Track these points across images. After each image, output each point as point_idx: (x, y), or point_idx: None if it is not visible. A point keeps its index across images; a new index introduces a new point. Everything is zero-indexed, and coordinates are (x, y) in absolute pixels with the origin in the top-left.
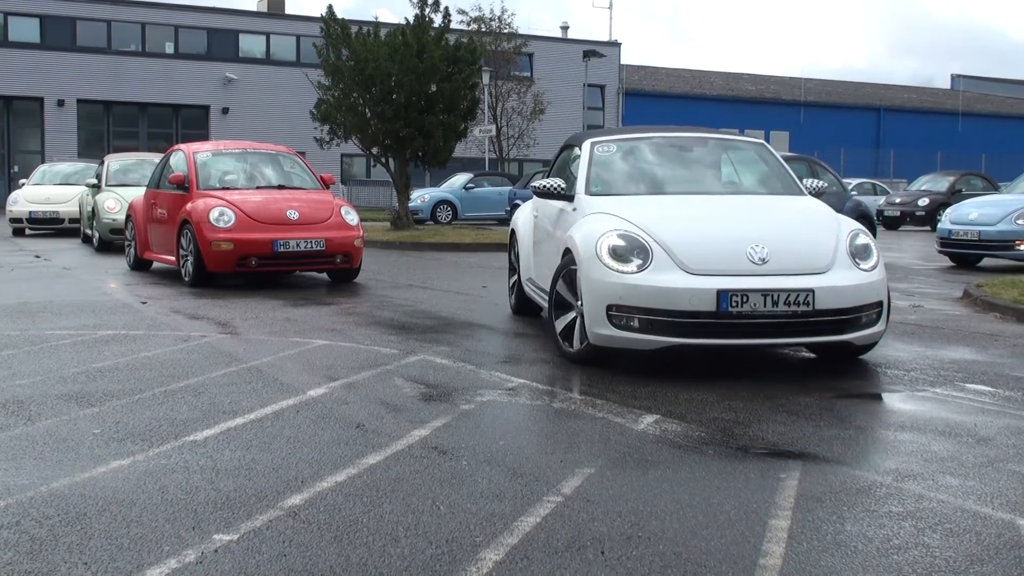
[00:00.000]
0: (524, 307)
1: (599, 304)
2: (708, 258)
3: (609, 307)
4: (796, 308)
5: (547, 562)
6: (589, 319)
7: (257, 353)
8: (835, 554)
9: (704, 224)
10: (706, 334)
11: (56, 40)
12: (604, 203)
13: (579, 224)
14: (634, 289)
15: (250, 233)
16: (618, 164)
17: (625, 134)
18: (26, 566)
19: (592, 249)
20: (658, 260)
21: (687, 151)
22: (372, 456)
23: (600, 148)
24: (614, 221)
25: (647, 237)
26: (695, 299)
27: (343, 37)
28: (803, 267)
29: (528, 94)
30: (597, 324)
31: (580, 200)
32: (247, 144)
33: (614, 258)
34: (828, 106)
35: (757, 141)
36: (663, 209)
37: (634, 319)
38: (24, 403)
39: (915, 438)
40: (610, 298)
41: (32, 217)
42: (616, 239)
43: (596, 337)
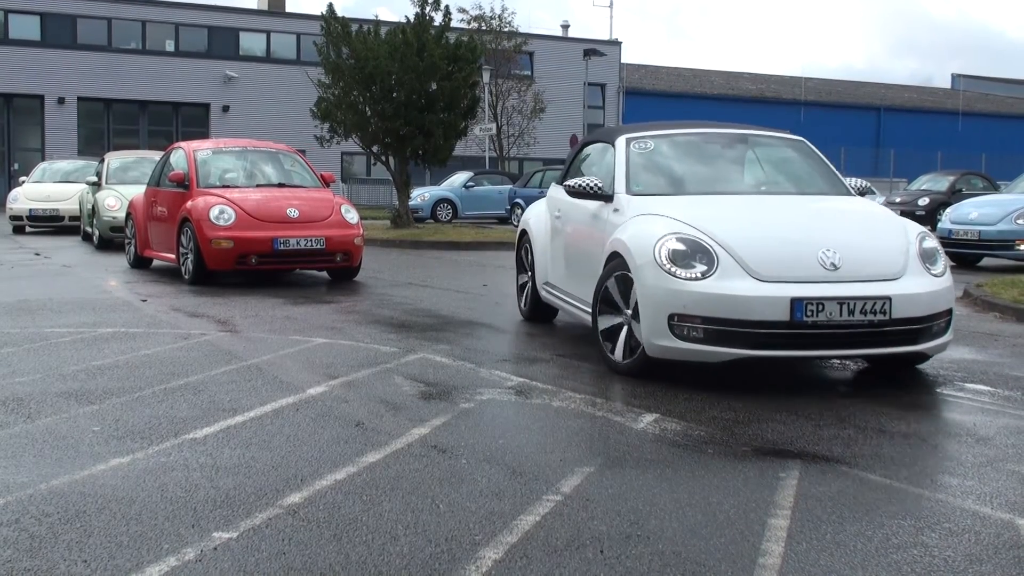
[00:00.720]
0: (537, 312)
1: (660, 313)
2: (779, 264)
3: (671, 316)
4: (872, 317)
5: (546, 561)
6: (647, 329)
7: (257, 351)
8: (834, 553)
9: (769, 227)
10: (778, 345)
11: (56, 38)
12: (650, 203)
13: (626, 226)
14: (700, 297)
15: (250, 231)
16: (658, 161)
17: (659, 130)
18: (25, 563)
19: (650, 253)
20: (724, 265)
21: (728, 148)
22: (372, 454)
23: (636, 145)
24: (669, 223)
25: (709, 240)
26: (767, 308)
27: (343, 35)
28: (876, 273)
29: (528, 93)
30: (656, 334)
31: (621, 200)
32: (247, 142)
33: (675, 263)
34: (828, 105)
35: (797, 138)
36: (718, 210)
37: (698, 329)
38: (24, 401)
39: (915, 438)
40: (673, 307)
41: (32, 215)
42: (676, 242)
43: (655, 348)
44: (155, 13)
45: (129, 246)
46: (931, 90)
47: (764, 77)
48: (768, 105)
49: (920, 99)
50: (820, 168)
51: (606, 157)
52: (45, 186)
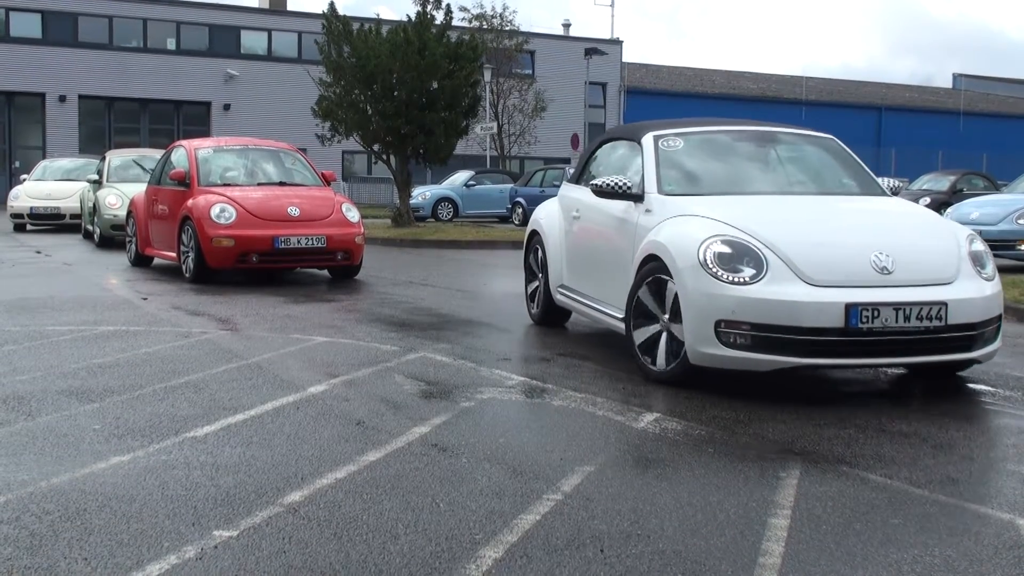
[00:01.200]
0: (550, 316)
1: (706, 319)
2: (831, 268)
3: (718, 323)
4: (928, 323)
5: (546, 560)
6: (692, 336)
7: (257, 350)
8: (834, 553)
9: (817, 229)
10: (832, 353)
11: (58, 36)
12: (685, 204)
13: (661, 228)
14: (750, 303)
15: (251, 229)
16: (689, 160)
17: (686, 127)
18: (26, 561)
19: (694, 256)
20: (774, 269)
21: (759, 146)
22: (372, 453)
23: (665, 142)
24: (712, 224)
25: (756, 243)
26: (822, 314)
27: (345, 34)
28: (930, 277)
29: (529, 92)
30: (702, 342)
31: (653, 200)
32: (248, 140)
33: (722, 267)
34: (829, 105)
35: (827, 136)
36: (760, 211)
37: (747, 337)
38: (24, 399)
39: (915, 438)
40: (720, 312)
41: (33, 213)
42: (721, 245)
43: (699, 356)
44: (156, 11)
45: (130, 244)
46: (932, 90)
47: (765, 77)
48: (769, 104)
49: (921, 99)
50: (854, 167)
51: (631, 155)
52: (46, 184)
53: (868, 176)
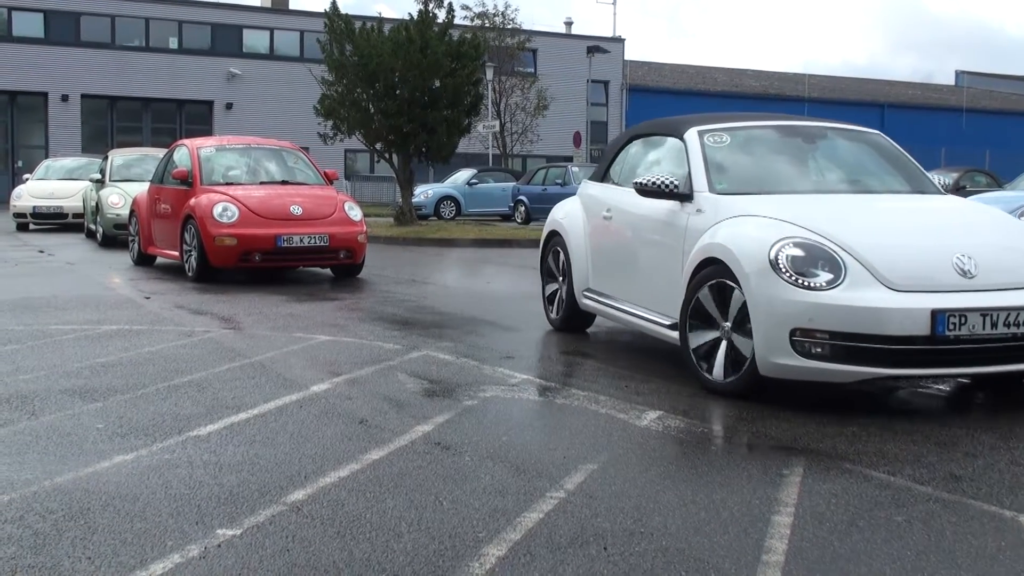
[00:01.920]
0: (574, 321)
1: (779, 328)
2: (914, 272)
3: (793, 331)
4: (1016, 330)
5: (550, 558)
6: (763, 346)
7: (260, 348)
8: (838, 550)
9: (894, 230)
10: (917, 363)
11: (60, 35)
12: (743, 203)
13: (719, 229)
14: (829, 310)
15: (253, 228)
16: (738, 157)
17: (730, 122)
18: (29, 560)
19: (764, 260)
20: (853, 273)
21: (809, 141)
22: (375, 451)
23: (711, 138)
24: (780, 225)
25: (832, 245)
26: (907, 321)
27: (347, 33)
28: (1013, 281)
29: (532, 90)
30: (775, 352)
31: (704, 200)
32: (251, 139)
33: (796, 271)
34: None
35: (875, 131)
36: (827, 210)
37: (824, 346)
38: (28, 398)
39: (918, 435)
40: (796, 320)
41: (36, 212)
42: (793, 248)
43: (771, 367)
44: (159, 10)
45: (133, 243)
46: (935, 87)
47: (767, 74)
48: (772, 102)
49: (924, 96)
50: (906, 163)
51: (670, 152)
52: (49, 183)
53: (921, 173)
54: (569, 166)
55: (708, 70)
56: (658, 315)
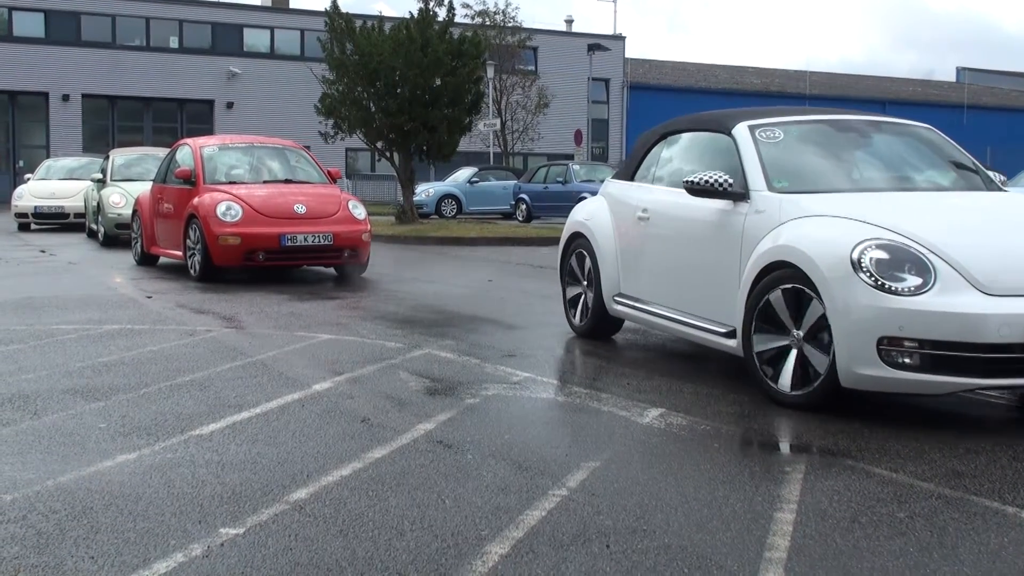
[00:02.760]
0: (601, 327)
1: (865, 336)
2: (1009, 274)
3: (881, 340)
4: None
5: (552, 556)
6: (847, 356)
7: (262, 347)
8: (840, 547)
9: (978, 229)
10: (1016, 372)
11: (60, 35)
12: (809, 202)
13: (787, 230)
14: (921, 317)
15: (257, 227)
16: (793, 153)
17: (779, 116)
18: (33, 560)
19: (846, 264)
20: (944, 277)
21: (864, 136)
22: (377, 450)
23: (763, 133)
24: (858, 226)
25: (917, 246)
26: (1006, 328)
27: (347, 31)
28: None
29: (532, 88)
30: (860, 362)
31: (764, 199)
32: (253, 138)
33: (882, 275)
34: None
35: (926, 126)
36: (905, 210)
37: (914, 355)
38: (30, 397)
39: (920, 431)
40: (884, 328)
41: (37, 212)
42: (876, 250)
43: (855, 378)
44: (159, 10)
45: (135, 243)
46: (936, 83)
47: (768, 71)
48: (773, 99)
49: (925, 92)
50: (964, 159)
51: (715, 148)
52: (50, 183)
53: (979, 168)
54: (570, 164)
55: (709, 67)
56: (709, 322)
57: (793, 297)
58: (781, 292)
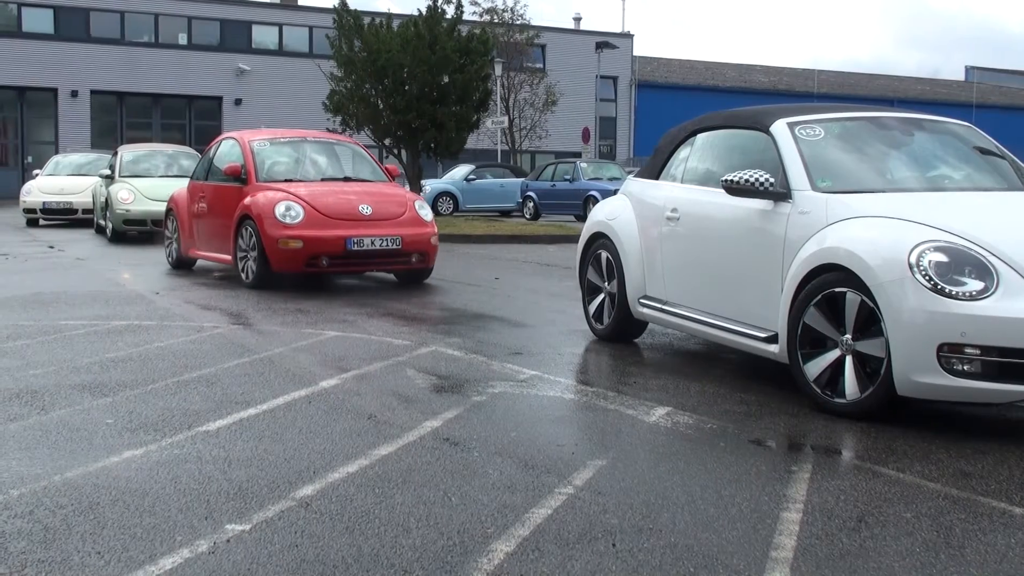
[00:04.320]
0: (625, 330)
1: (924, 343)
2: None
3: (941, 346)
4: None
5: (558, 554)
6: (904, 362)
7: (269, 344)
8: (846, 546)
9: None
10: None
11: (70, 31)
12: (857, 203)
13: (836, 232)
14: (983, 322)
15: (321, 230)
16: (835, 151)
17: (818, 113)
18: (39, 555)
19: (903, 267)
20: (1008, 281)
21: (906, 134)
22: (384, 447)
23: (803, 131)
24: (914, 227)
25: (977, 249)
26: None
27: (355, 28)
28: None
29: (540, 85)
30: (919, 369)
31: (808, 199)
32: (305, 132)
33: (941, 279)
34: (841, 98)
35: (966, 124)
36: (961, 210)
37: (976, 362)
38: (38, 393)
39: (927, 431)
40: (945, 334)
41: (46, 208)
42: (935, 252)
43: (913, 386)
44: (168, 6)
45: (170, 245)
46: (944, 82)
47: (777, 70)
48: (781, 98)
49: (933, 91)
50: (1007, 156)
51: (751, 145)
52: (58, 179)
53: (1021, 165)
54: (578, 162)
55: (717, 66)
56: (747, 326)
57: (844, 302)
58: (830, 296)
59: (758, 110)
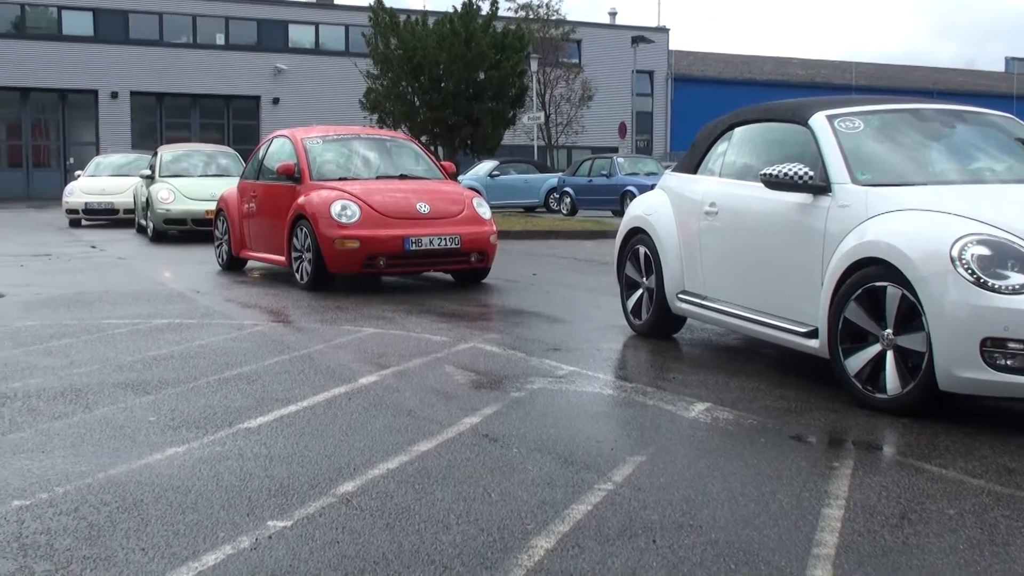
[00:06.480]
0: (664, 325)
1: (967, 337)
2: None
3: (984, 341)
4: None
5: (598, 550)
6: (947, 357)
7: (309, 341)
8: (889, 544)
9: None
10: None
11: (109, 33)
12: (898, 196)
13: (875, 225)
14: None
15: (378, 229)
16: (875, 144)
17: (858, 105)
18: (84, 551)
19: (944, 260)
20: None
21: (948, 126)
22: (423, 443)
23: (842, 123)
24: (955, 220)
25: (1022, 243)
26: None
27: (391, 26)
28: None
29: (576, 81)
30: (961, 364)
31: (848, 192)
32: (358, 129)
33: (984, 273)
34: (880, 90)
35: (1007, 115)
36: (1003, 203)
37: (1018, 357)
38: (82, 391)
39: (969, 427)
40: (988, 328)
41: (88, 208)
42: (978, 246)
43: (955, 382)
44: (205, 7)
45: (220, 246)
46: (984, 73)
47: (814, 62)
48: (819, 91)
49: (973, 82)
50: None
51: (789, 139)
52: (100, 180)
53: None
54: (614, 157)
55: (754, 59)
56: (787, 321)
57: (884, 296)
58: (871, 290)
59: (796, 103)
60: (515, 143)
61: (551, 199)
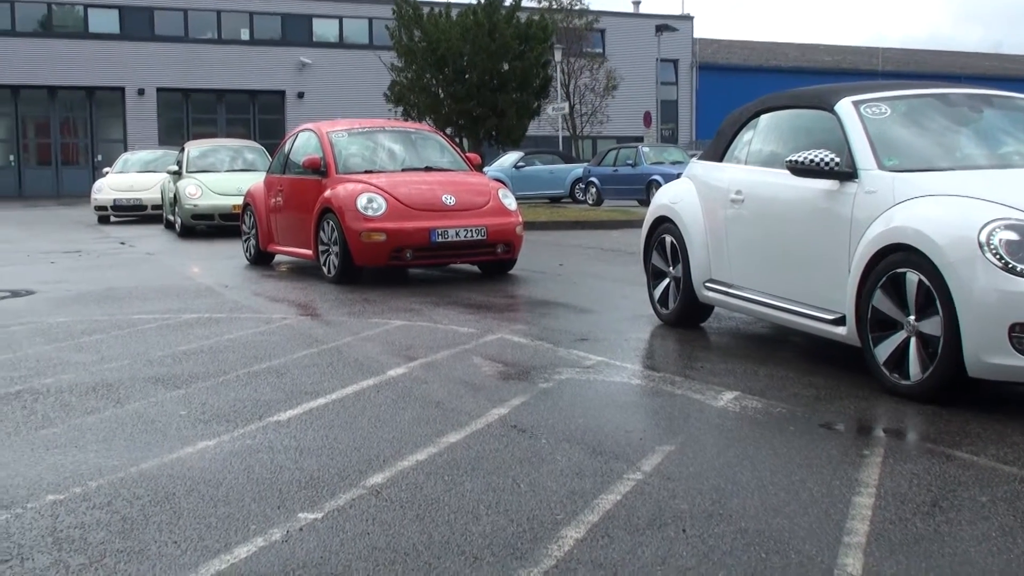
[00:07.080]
0: (691, 315)
1: (996, 323)
2: None
3: (1013, 327)
4: None
5: (628, 540)
6: (975, 343)
7: (337, 334)
8: (921, 531)
9: None
10: None
11: (135, 30)
12: (924, 181)
13: (903, 211)
14: None
15: (404, 222)
16: (902, 129)
17: (884, 91)
18: (118, 545)
19: (972, 245)
20: None
21: (975, 111)
22: (452, 435)
23: (868, 109)
24: (983, 205)
25: None
26: None
27: (415, 18)
28: None
29: (600, 70)
30: (990, 350)
31: (874, 178)
32: (383, 122)
33: (1014, 258)
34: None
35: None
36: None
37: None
38: (113, 386)
39: (1000, 413)
40: (1017, 314)
41: (116, 204)
42: (1006, 231)
43: (984, 368)
44: (230, 3)
45: (247, 241)
46: (1011, 57)
47: (839, 48)
48: (846, 77)
49: (1001, 66)
50: None
51: (815, 125)
52: (128, 176)
53: None
54: (640, 146)
55: (778, 46)
56: (814, 308)
57: (912, 282)
58: (898, 277)
59: (822, 89)
60: (540, 134)
61: (577, 189)
